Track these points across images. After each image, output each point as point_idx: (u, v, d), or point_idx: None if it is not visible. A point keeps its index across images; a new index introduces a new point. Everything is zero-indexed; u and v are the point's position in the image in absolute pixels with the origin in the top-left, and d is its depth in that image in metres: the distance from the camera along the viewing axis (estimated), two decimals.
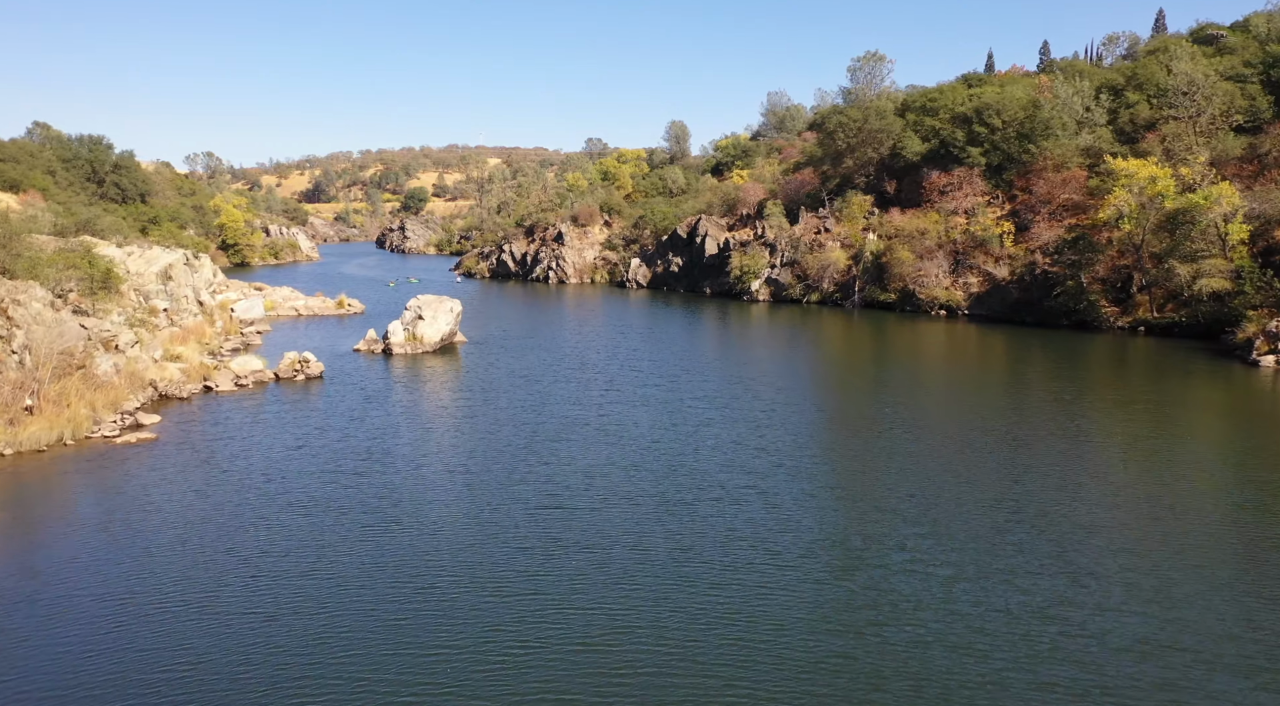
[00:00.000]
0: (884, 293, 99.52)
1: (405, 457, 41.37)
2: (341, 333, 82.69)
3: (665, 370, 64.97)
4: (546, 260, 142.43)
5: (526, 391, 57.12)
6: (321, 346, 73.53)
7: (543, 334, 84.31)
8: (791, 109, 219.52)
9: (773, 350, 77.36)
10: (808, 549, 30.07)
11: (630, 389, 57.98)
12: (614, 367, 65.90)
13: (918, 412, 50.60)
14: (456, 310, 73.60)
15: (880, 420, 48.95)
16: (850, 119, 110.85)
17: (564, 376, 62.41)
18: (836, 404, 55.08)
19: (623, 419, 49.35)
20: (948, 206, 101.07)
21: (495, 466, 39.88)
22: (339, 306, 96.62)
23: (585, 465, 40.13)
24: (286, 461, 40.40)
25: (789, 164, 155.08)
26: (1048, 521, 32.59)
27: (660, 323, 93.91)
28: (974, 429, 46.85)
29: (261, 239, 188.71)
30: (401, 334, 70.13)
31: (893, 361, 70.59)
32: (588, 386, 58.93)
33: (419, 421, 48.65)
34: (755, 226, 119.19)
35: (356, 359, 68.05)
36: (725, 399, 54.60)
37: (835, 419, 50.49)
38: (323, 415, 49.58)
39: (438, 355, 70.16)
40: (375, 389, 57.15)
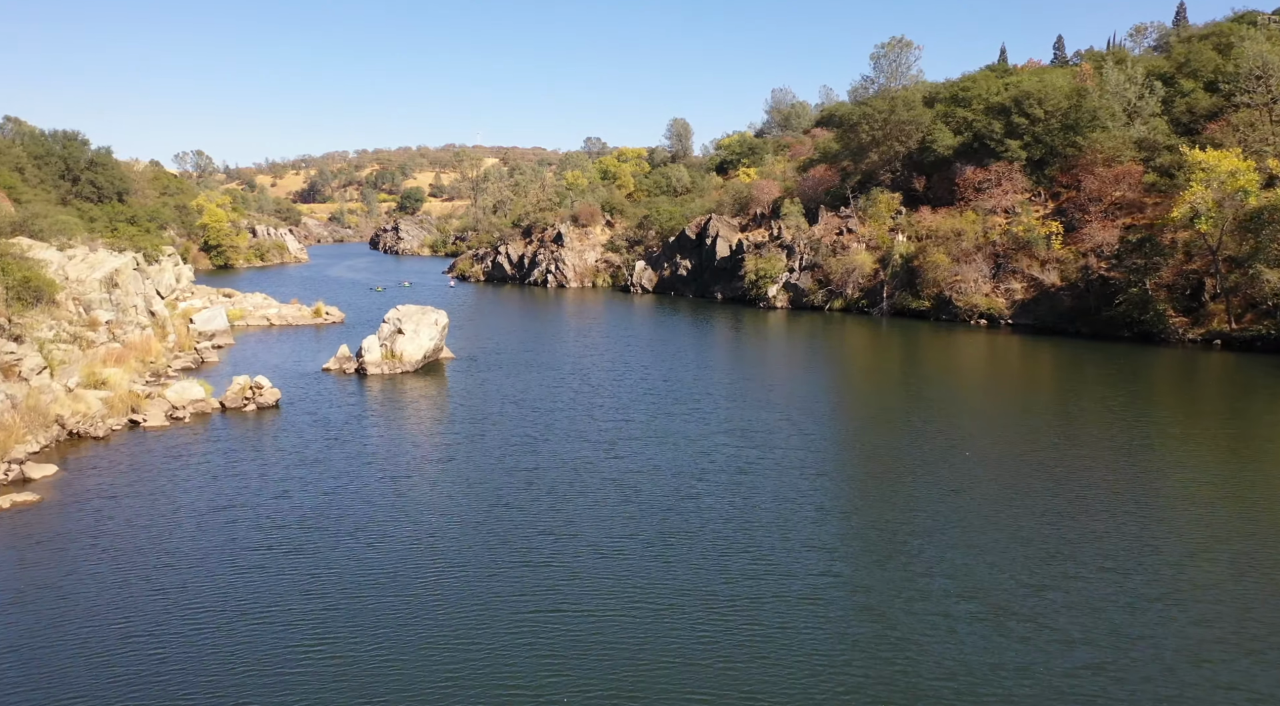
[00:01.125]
0: (916, 299, 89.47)
1: (359, 526, 31.25)
2: (314, 347, 72.49)
3: (684, 392, 54.90)
4: (545, 263, 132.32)
5: (521, 423, 47.03)
6: (287, 364, 63.34)
7: (541, 348, 74.16)
8: (797, 106, 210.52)
9: (803, 368, 67.26)
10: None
11: (645, 420, 47.91)
12: (624, 390, 55.83)
13: (968, 444, 40.56)
14: (442, 323, 63.43)
15: (942, 461, 38.90)
16: (875, 110, 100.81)
17: (566, 402, 52.36)
18: (886, 437, 45.05)
19: (640, 463, 39.31)
20: (985, 205, 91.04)
21: (478, 540, 29.80)
22: (315, 315, 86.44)
23: (597, 537, 30.07)
24: (199, 535, 30.26)
25: (799, 161, 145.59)
26: (1116, 587, 22.58)
27: (671, 333, 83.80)
28: (1029, 463, 36.94)
29: (247, 240, 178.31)
30: (377, 351, 59.95)
31: (936, 380, 60.52)
32: (594, 415, 48.89)
33: (384, 471, 38.51)
34: (770, 227, 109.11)
35: (324, 381, 57.87)
36: (761, 433, 44.54)
37: (886, 459, 40.43)
38: (266, 461, 39.43)
39: (420, 375, 60.00)
40: (339, 422, 46.97)
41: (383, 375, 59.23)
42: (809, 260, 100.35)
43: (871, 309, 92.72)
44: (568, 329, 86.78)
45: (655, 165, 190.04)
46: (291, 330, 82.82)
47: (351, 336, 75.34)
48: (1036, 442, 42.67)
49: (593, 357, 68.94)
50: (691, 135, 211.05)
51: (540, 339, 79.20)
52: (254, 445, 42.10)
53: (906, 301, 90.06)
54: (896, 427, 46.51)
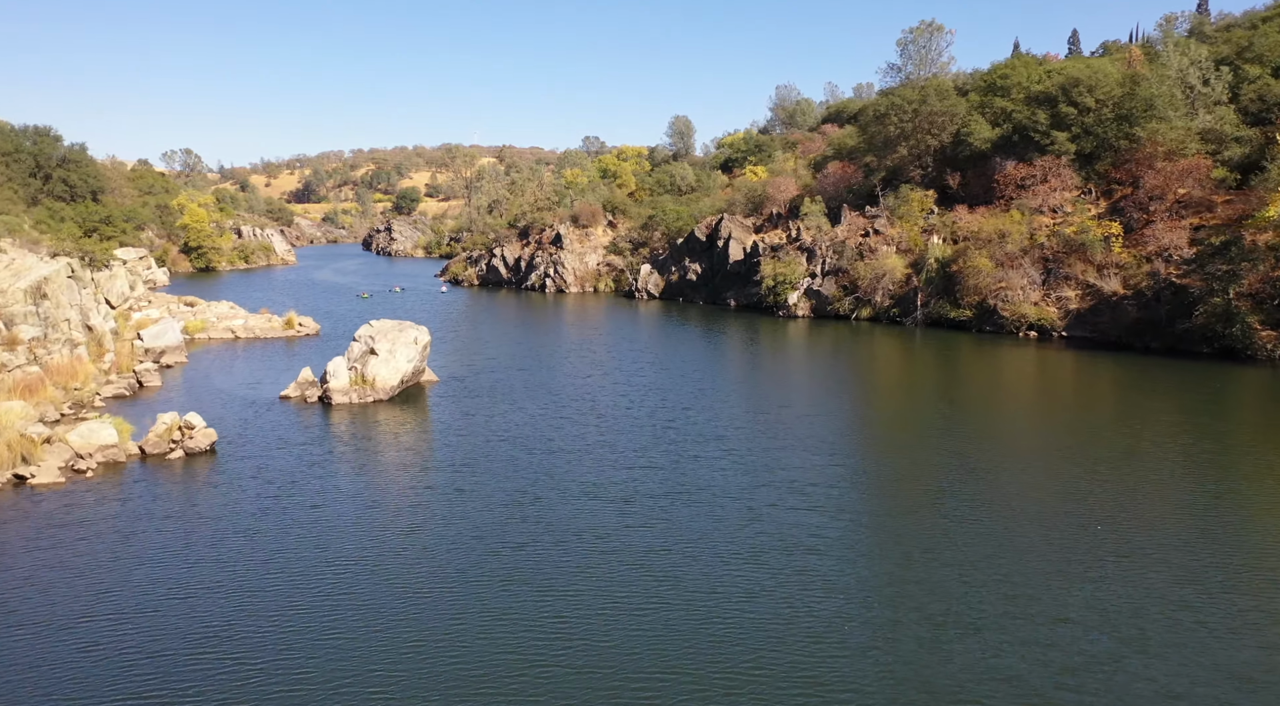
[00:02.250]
0: (955, 308, 79.58)
1: (281, 647, 21.30)
2: (279, 365, 62.52)
3: (709, 425, 45.05)
4: (543, 266, 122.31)
5: (514, 473, 37.19)
6: (240, 390, 53.34)
7: (539, 366, 64.21)
8: (802, 102, 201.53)
9: (839, 392, 57.30)
10: None
11: (668, 466, 38.13)
12: (637, 423, 45.94)
13: (1040, 493, 30.74)
14: (423, 341, 53.43)
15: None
16: (905, 100, 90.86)
17: (568, 440, 42.53)
18: (966, 490, 35.18)
19: (667, 534, 29.62)
20: (1030, 203, 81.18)
21: (455, 674, 19.89)
22: (286, 327, 76.38)
23: (616, 674, 20.17)
24: (48, 681, 20.33)
25: (810, 158, 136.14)
26: None
27: (684, 347, 73.87)
28: (1097, 503, 27.05)
29: (231, 241, 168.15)
30: (345, 376, 49.94)
31: (994, 404, 50.66)
32: (604, 460, 39.09)
33: (331, 550, 28.59)
34: (788, 228, 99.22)
35: (280, 413, 47.90)
36: (817, 488, 34.66)
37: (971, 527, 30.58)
38: (176, 536, 29.53)
39: (395, 405, 50.04)
40: (284, 475, 37.06)
41: (351, 405, 49.25)
42: (832, 264, 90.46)
43: (904, 318, 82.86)
44: (568, 342, 76.84)
45: (656, 164, 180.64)
46: (258, 344, 72.77)
47: (325, 352, 65.50)
48: (1118, 487, 32.81)
49: (598, 378, 59.04)
50: (694, 133, 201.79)
51: (538, 355, 69.22)
52: (165, 513, 32.14)
53: (944, 310, 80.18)
54: (972, 477, 36.64)
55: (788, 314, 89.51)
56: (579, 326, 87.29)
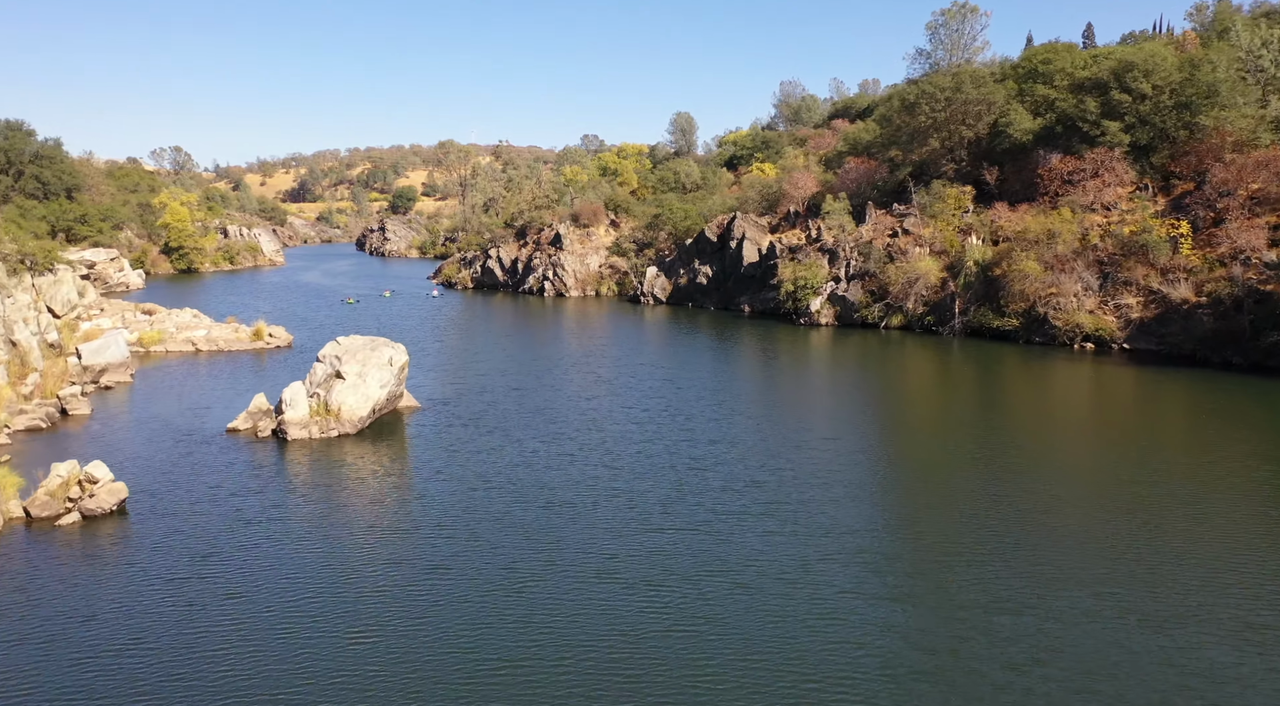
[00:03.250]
0: (998, 317, 70.90)
1: None
2: (237, 387, 53.75)
3: (744, 471, 36.43)
4: (541, 268, 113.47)
5: (511, 540, 28.70)
6: (182, 420, 44.55)
7: (538, 384, 55.45)
8: (807, 99, 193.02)
9: (886, 419, 48.58)
10: None
11: (702, 528, 29.51)
12: (659, 463, 37.29)
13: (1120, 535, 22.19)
14: (399, 362, 44.61)
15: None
16: (937, 88, 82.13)
17: (577, 488, 34.04)
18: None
19: (717, 642, 20.70)
20: (1080, 200, 72.53)
21: None
22: (255, 338, 67.55)
23: None
24: None
25: (820, 155, 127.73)
26: None
27: (700, 361, 65.18)
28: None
29: (215, 241, 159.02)
30: (304, 405, 41.15)
31: (1060, 427, 41.91)
32: (623, 518, 30.58)
33: (243, 673, 19.83)
34: (807, 227, 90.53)
35: (224, 451, 39.16)
36: (892, 562, 25.98)
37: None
38: (23, 657, 20.73)
39: (365, 440, 41.29)
40: (205, 541, 28.48)
41: (310, 441, 40.47)
42: (858, 267, 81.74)
43: (940, 327, 74.17)
44: (570, 354, 68.06)
45: (657, 162, 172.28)
46: (222, 359, 63.98)
47: (296, 368, 56.91)
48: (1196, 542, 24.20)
49: (605, 401, 50.30)
50: (696, 130, 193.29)
51: (536, 371, 60.44)
52: (20, 613, 23.34)
53: (986, 319, 71.50)
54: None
55: (810, 322, 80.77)
56: (581, 336, 78.51)
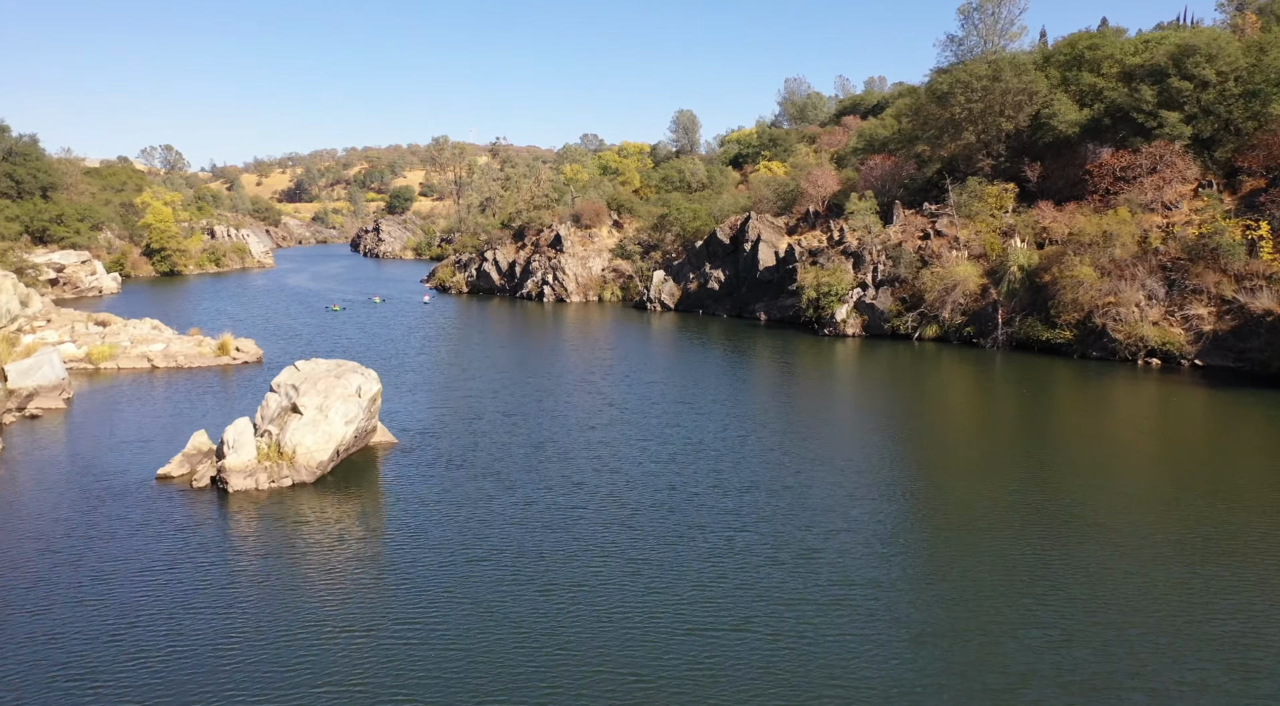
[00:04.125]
0: (1048, 328, 63.18)
1: None
2: (188, 415, 45.92)
3: (793, 533, 28.64)
4: (540, 271, 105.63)
5: (506, 642, 20.72)
6: (109, 460, 36.71)
7: (538, 410, 47.65)
8: (813, 96, 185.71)
9: (944, 451, 40.77)
10: None
11: (755, 619, 21.57)
12: (691, 529, 29.43)
13: None
14: (369, 391, 36.77)
15: None
16: (973, 76, 74.35)
17: (592, 562, 26.46)
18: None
19: None
20: (1137, 198, 64.85)
21: None
22: (220, 352, 59.69)
23: None
24: None
25: (832, 152, 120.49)
26: None
27: (720, 379, 57.44)
28: None
29: (201, 243, 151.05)
30: (250, 446, 33.31)
31: (1128, 459, 34.22)
32: (655, 607, 22.74)
33: None
34: (829, 228, 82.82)
35: (146, 505, 31.35)
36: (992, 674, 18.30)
37: None
38: None
39: (325, 490, 33.47)
40: (93, 646, 20.46)
41: (258, 491, 32.64)
42: (887, 272, 73.97)
43: (980, 338, 66.43)
44: (573, 370, 60.29)
45: (659, 161, 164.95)
46: (180, 377, 56.15)
47: (264, 390, 48.97)
48: None
49: (617, 431, 42.55)
50: (699, 128, 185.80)
51: (535, 392, 52.63)
52: None
53: (1034, 330, 63.77)
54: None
55: (835, 332, 72.97)
56: (584, 348, 70.70)
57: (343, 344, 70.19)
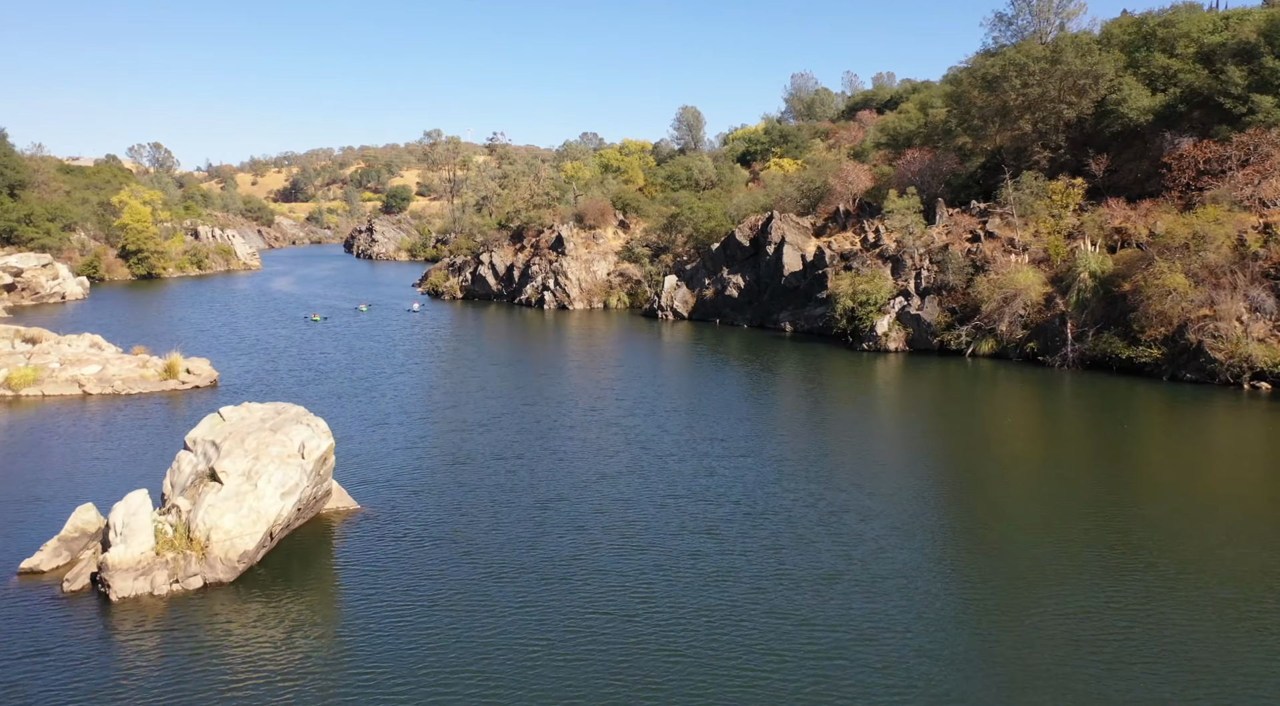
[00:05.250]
0: (1129, 345, 53.86)
1: None
2: (101, 469, 36.56)
3: (901, 649, 19.19)
4: (541, 276, 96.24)
5: None
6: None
7: (540, 451, 38.35)
8: (821, 92, 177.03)
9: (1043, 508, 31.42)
10: None
11: None
12: (754, 636, 20.03)
13: None
14: (317, 449, 27.30)
15: None
16: (1030, 58, 65.02)
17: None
18: None
19: None
20: (1227, 195, 55.61)
21: None
22: (167, 375, 50.25)
23: None
24: None
25: (847, 149, 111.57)
26: None
27: (757, 413, 48.18)
28: None
29: (182, 244, 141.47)
30: (147, 532, 23.90)
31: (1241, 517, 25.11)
32: None
33: None
34: (862, 229, 73.53)
35: (7, 612, 22.00)
36: None
37: None
38: None
39: (250, 589, 24.14)
40: None
41: (152, 598, 23.27)
42: (932, 279, 64.69)
43: (1048, 356, 57.09)
44: (580, 395, 50.97)
45: (661, 160, 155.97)
46: (117, 406, 46.75)
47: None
48: None
49: (637, 489, 33.24)
50: (704, 125, 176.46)
51: (537, 426, 43.24)
52: None
53: (1112, 347, 54.46)
54: None
55: (874, 347, 63.63)
56: (593, 365, 61.35)
57: (315, 362, 60.80)
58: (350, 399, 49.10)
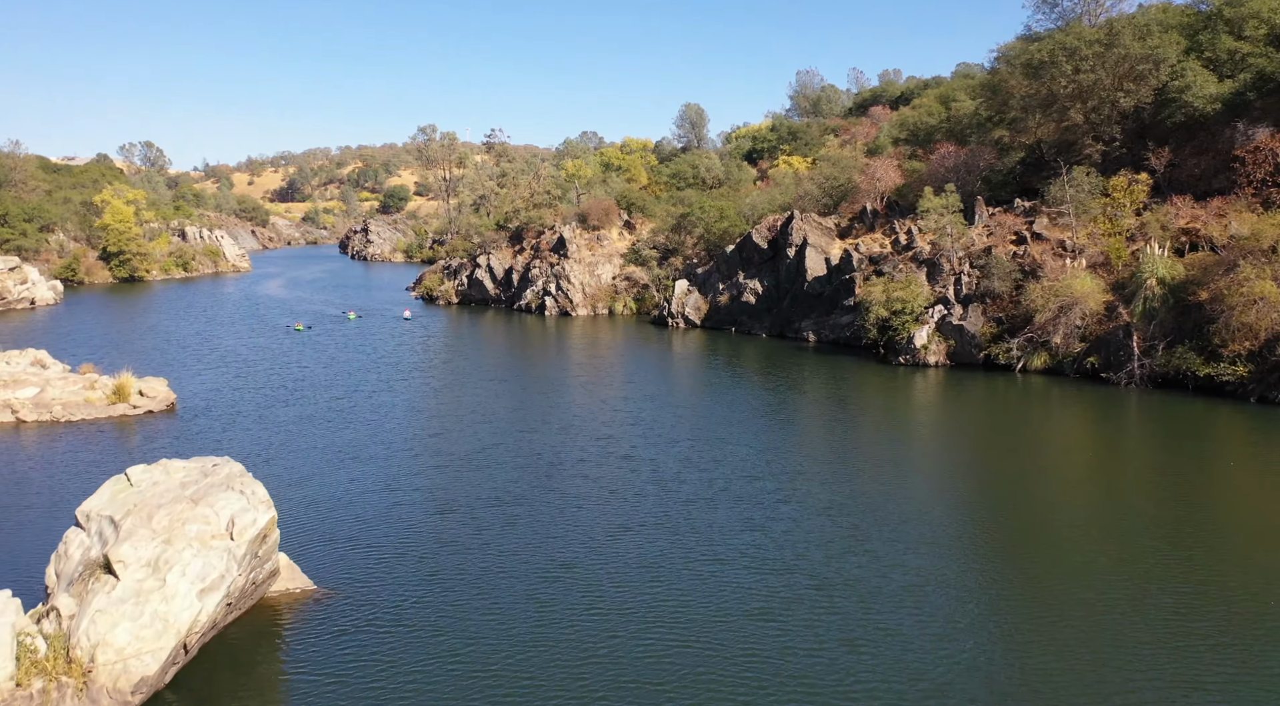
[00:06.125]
0: (1208, 361, 47.24)
1: None
2: (21, 524, 29.85)
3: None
4: (542, 280, 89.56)
5: None
6: None
7: (543, 496, 31.67)
8: (827, 89, 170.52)
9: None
10: None
11: None
12: None
13: None
14: (251, 527, 20.59)
15: None
16: (1083, 41, 58.37)
17: None
18: None
19: None
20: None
21: None
22: (116, 398, 43.54)
23: None
24: None
25: (861, 145, 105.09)
26: None
27: (789, 435, 41.56)
28: None
29: (167, 245, 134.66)
30: (6, 656, 17.14)
31: None
32: None
33: None
34: (892, 230, 66.97)
35: None
36: None
37: None
38: None
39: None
40: None
41: None
42: (973, 285, 58.09)
43: (1112, 373, 50.44)
44: (590, 419, 44.32)
45: (663, 158, 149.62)
46: (54, 436, 40.08)
47: (194, 432, 33.05)
48: None
49: (665, 545, 26.64)
50: (707, 122, 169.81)
51: (539, 459, 36.57)
52: None
53: (1188, 362, 47.83)
54: None
55: (912, 360, 56.98)
56: (600, 382, 54.69)
57: (290, 378, 54.09)
58: (322, 424, 42.43)
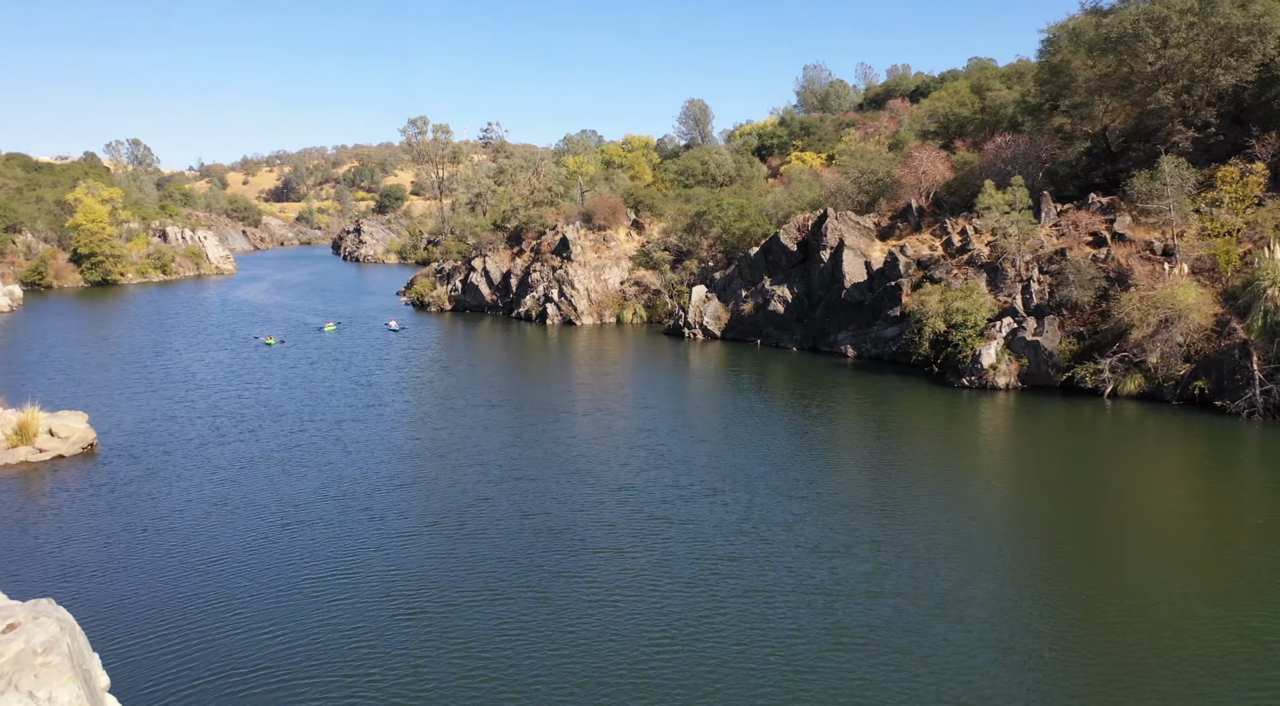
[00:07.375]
0: None
1: None
2: None
3: None
4: (543, 285, 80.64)
5: None
6: None
7: (551, 575, 22.86)
8: (835, 84, 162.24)
9: None
10: None
11: None
12: None
13: None
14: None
15: None
16: (1173, 10, 49.54)
17: None
18: None
19: None
20: None
21: None
22: (18, 440, 34.56)
23: None
24: None
25: (880, 140, 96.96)
26: None
27: (839, 481, 32.61)
28: None
29: (146, 246, 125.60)
30: None
31: None
32: None
33: None
34: (942, 230, 58.19)
35: None
36: None
37: None
38: None
39: None
40: None
41: None
42: (1046, 295, 49.28)
43: (1226, 400, 41.66)
44: (604, 468, 35.55)
45: (666, 156, 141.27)
46: None
47: (72, 525, 24.14)
48: None
49: (712, 653, 17.70)
50: (711, 119, 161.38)
51: (544, 542, 27.76)
52: None
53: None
54: None
55: (977, 382, 48.13)
56: (612, 408, 45.78)
57: (244, 406, 45.16)
58: (263, 468, 33.57)
